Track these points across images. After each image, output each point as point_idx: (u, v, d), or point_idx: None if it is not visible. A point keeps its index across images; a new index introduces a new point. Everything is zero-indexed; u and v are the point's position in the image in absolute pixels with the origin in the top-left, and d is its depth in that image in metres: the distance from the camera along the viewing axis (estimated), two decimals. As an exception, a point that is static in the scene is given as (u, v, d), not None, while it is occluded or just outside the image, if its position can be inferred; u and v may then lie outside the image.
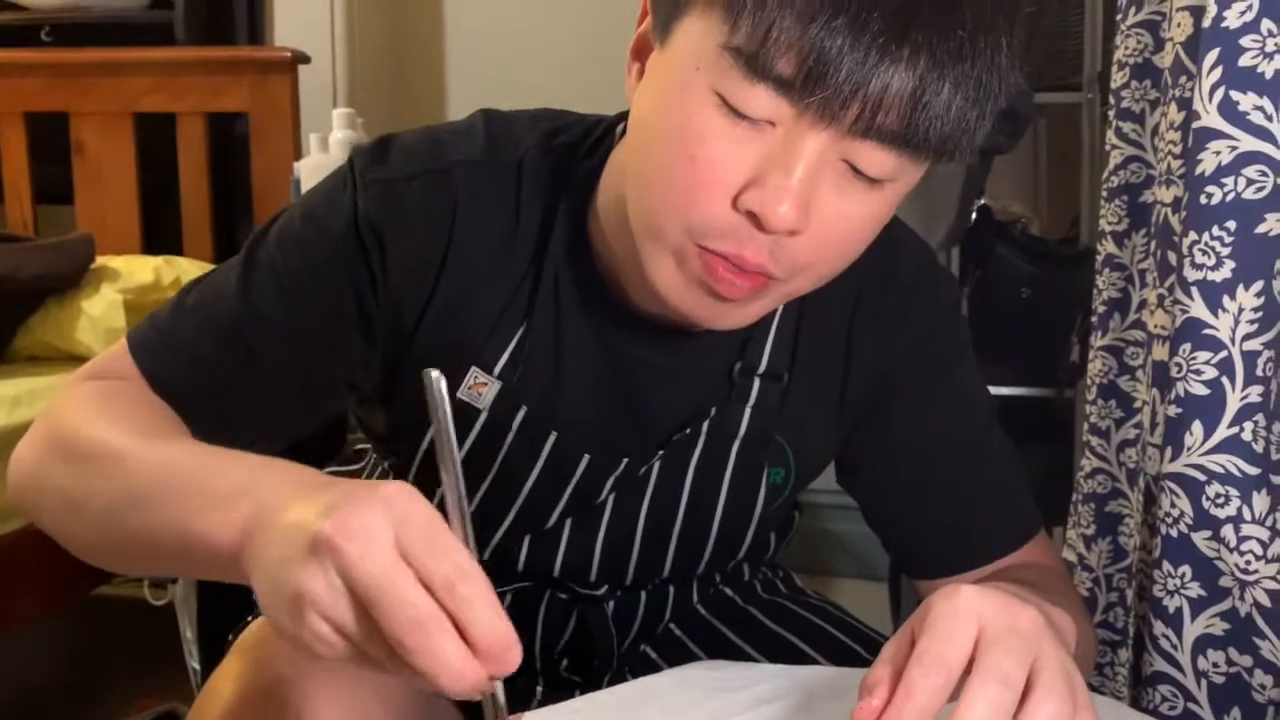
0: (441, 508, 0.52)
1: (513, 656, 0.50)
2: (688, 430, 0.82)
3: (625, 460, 0.82)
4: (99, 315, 1.92)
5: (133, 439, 0.66)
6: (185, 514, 0.58)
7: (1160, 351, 0.93)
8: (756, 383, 0.81)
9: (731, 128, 0.63)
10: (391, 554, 0.49)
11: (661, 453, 0.82)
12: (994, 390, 1.06)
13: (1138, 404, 1.10)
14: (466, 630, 0.49)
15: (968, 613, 0.54)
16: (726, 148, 0.63)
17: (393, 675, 0.50)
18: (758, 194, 0.63)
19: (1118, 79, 1.12)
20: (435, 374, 0.52)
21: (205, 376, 0.76)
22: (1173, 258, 0.89)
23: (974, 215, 1.86)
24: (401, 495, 0.50)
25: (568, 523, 0.84)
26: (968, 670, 0.53)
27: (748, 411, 0.82)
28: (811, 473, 0.89)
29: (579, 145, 0.79)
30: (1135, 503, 1.06)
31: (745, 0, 0.60)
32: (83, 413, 0.71)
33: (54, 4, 2.35)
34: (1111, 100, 1.14)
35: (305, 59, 2.26)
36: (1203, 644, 0.83)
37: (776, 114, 0.62)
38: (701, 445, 0.82)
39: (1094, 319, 1.17)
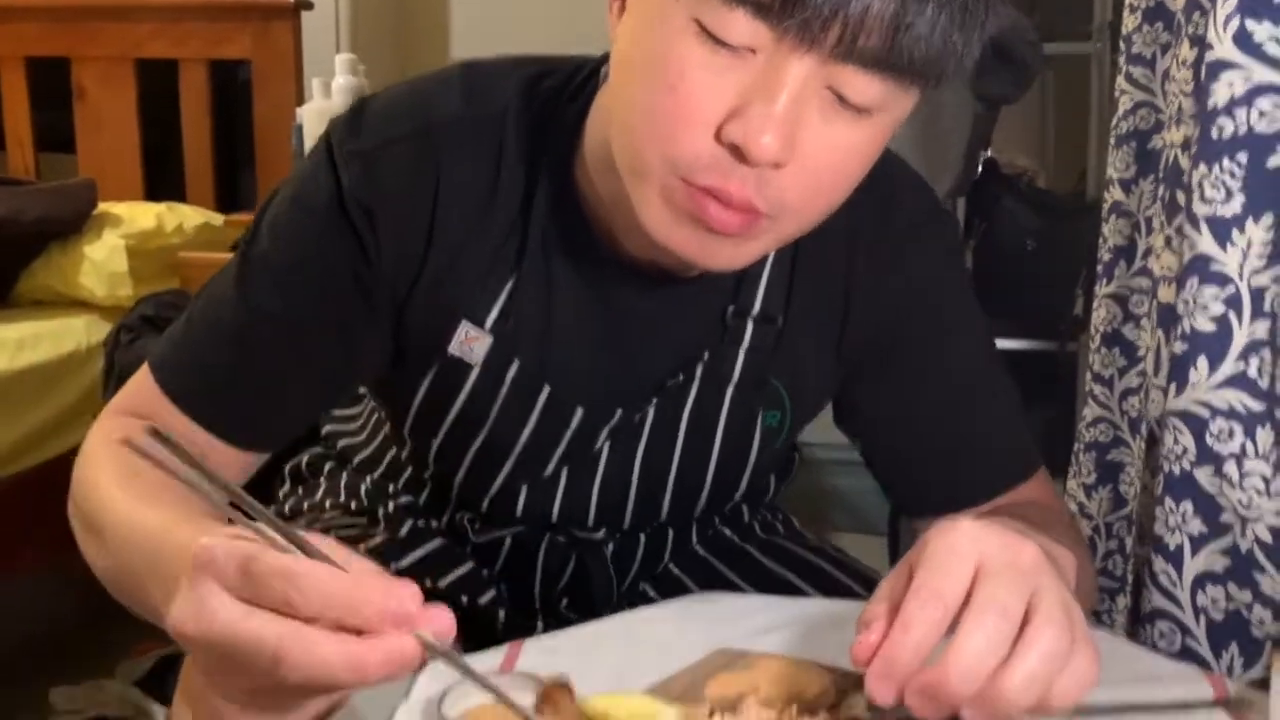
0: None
1: (406, 610, 0.47)
2: (681, 376, 0.81)
3: (619, 410, 0.81)
4: (101, 260, 1.92)
5: (109, 512, 0.67)
6: (151, 602, 0.59)
7: (1166, 294, 0.92)
8: (750, 325, 0.80)
9: (711, 57, 0.61)
10: (227, 612, 0.47)
11: (655, 400, 0.82)
12: (997, 343, 1.06)
13: (1141, 351, 1.10)
14: (342, 624, 0.47)
15: (966, 547, 0.54)
16: (707, 78, 0.61)
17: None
18: (740, 125, 0.61)
19: (1129, 23, 1.11)
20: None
21: (223, 386, 0.76)
22: (1181, 197, 0.88)
23: (980, 167, 1.85)
24: (204, 554, 0.48)
25: (564, 471, 0.84)
26: (966, 604, 0.53)
27: (741, 355, 0.81)
28: (808, 414, 0.88)
29: (563, 90, 0.77)
30: (1137, 451, 1.06)
31: None
32: (86, 473, 0.73)
33: (54, -53, 2.32)
34: (1122, 46, 1.13)
35: (308, 5, 2.24)
36: (1202, 580, 0.83)
37: (756, 39, 0.60)
38: (695, 390, 0.82)
39: (1099, 267, 1.17)
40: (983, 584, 0.53)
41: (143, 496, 0.66)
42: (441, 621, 0.48)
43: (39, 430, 1.78)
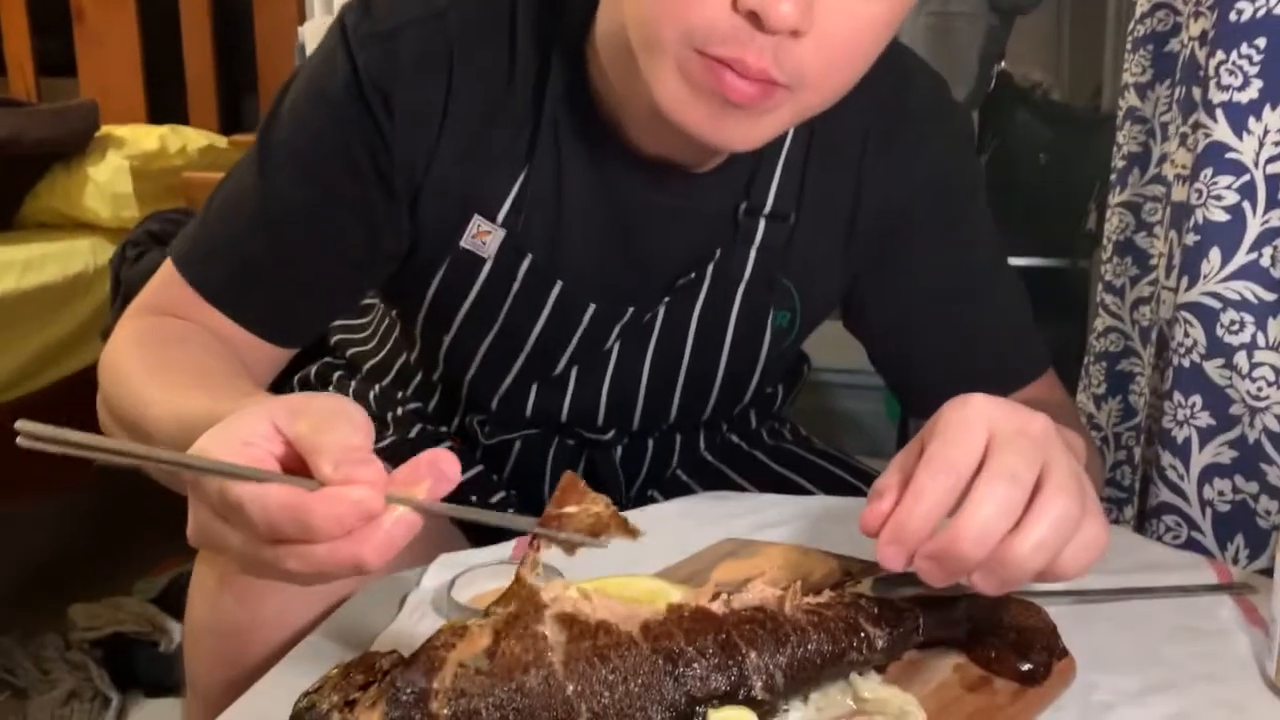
0: None
1: (360, 507, 0.46)
2: (693, 275, 0.81)
3: (631, 309, 0.81)
4: (105, 181, 1.91)
5: (151, 409, 0.66)
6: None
7: (1180, 193, 0.91)
8: (762, 223, 0.80)
9: None
10: (220, 535, 0.48)
11: (667, 299, 0.81)
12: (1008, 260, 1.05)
13: (1154, 260, 1.09)
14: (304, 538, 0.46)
15: (977, 418, 0.54)
16: None
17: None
18: None
19: (1148, -78, 1.08)
20: None
21: (250, 273, 0.76)
22: (1197, 93, 0.86)
23: (993, 80, 1.82)
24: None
25: (574, 369, 0.84)
26: (978, 474, 0.53)
27: (753, 253, 0.80)
28: (818, 315, 0.88)
29: None
30: (1148, 359, 1.05)
31: None
32: (119, 371, 0.73)
33: None
34: (1141, -54, 1.10)
35: (308, -81, 2.20)
36: (1209, 473, 0.83)
37: None
38: (706, 289, 0.81)
39: (1113, 175, 1.15)
40: (994, 453, 0.53)
41: (179, 386, 0.66)
42: (447, 467, 0.48)
43: (47, 352, 1.79)
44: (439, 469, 0.48)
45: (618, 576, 0.64)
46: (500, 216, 0.77)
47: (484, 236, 0.78)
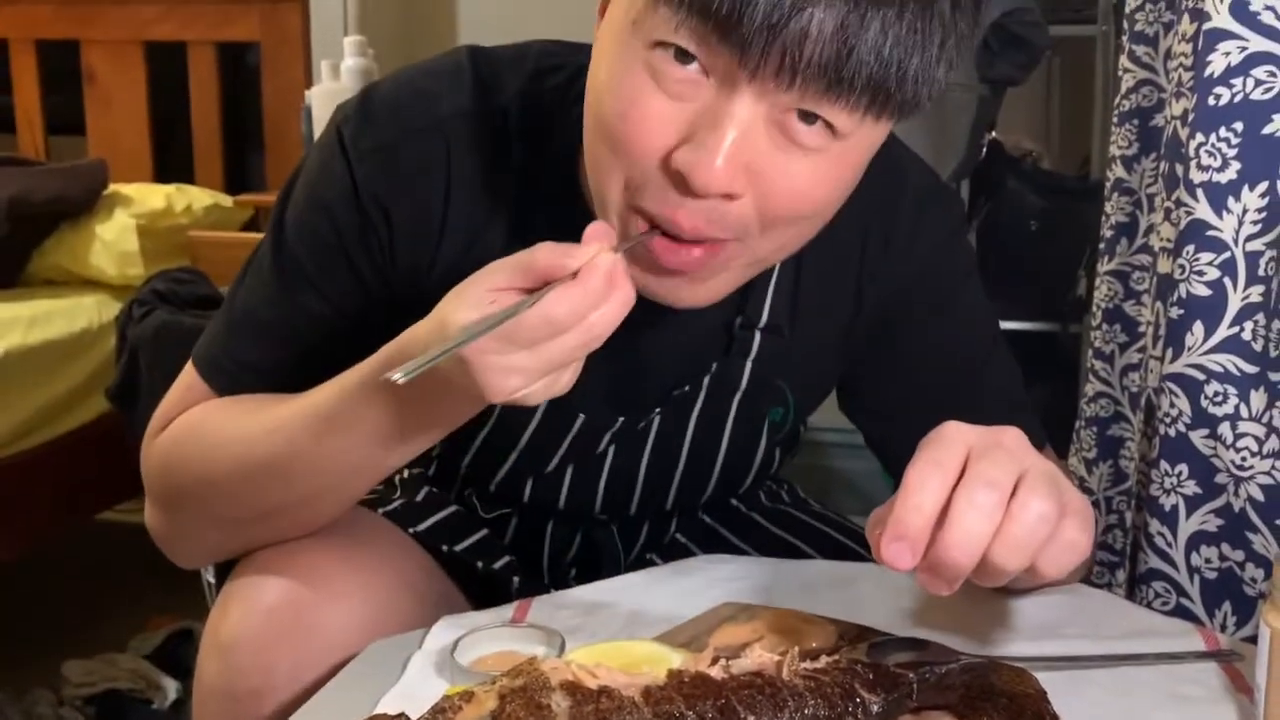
0: None
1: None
2: (688, 386, 0.81)
3: (622, 418, 0.82)
4: (112, 240, 1.94)
5: (270, 426, 0.72)
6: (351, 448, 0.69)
7: (1165, 265, 0.93)
8: (758, 337, 0.80)
9: (663, 83, 0.60)
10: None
11: (660, 409, 0.82)
12: (1000, 325, 1.07)
13: (1142, 327, 1.11)
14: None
15: (954, 436, 0.57)
16: (658, 105, 0.61)
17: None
18: (688, 152, 0.60)
19: (1132, 1, 1.12)
20: None
21: (277, 381, 0.78)
22: (1180, 170, 0.89)
23: (985, 149, 1.86)
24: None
25: (569, 468, 0.85)
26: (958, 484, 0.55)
27: (749, 365, 0.81)
28: (813, 405, 0.89)
29: (566, 92, 0.76)
30: (1137, 425, 1.07)
31: None
32: (189, 442, 0.77)
33: (64, -70, 2.33)
34: (1125, 25, 1.14)
35: (316, -13, 2.25)
36: (1196, 540, 0.85)
37: (704, 62, 0.59)
38: (703, 398, 0.82)
39: (1101, 244, 1.18)
40: (972, 463, 0.56)
41: (278, 403, 0.72)
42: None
43: (51, 407, 1.80)
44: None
45: (618, 641, 0.66)
46: None
47: None
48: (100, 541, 2.11)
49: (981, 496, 0.54)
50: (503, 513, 0.92)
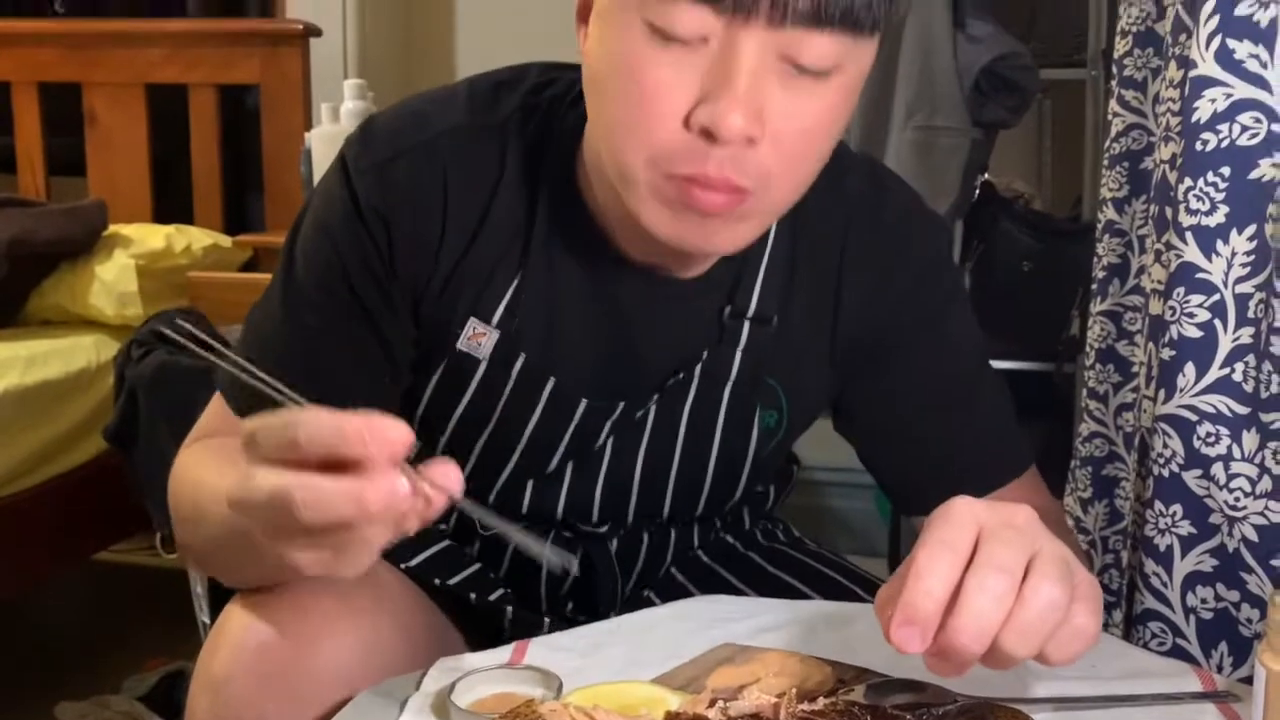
0: None
1: (388, 434, 0.53)
2: (681, 375, 0.84)
3: (622, 404, 0.84)
4: (111, 280, 1.95)
5: (205, 489, 0.74)
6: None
7: (1156, 306, 0.94)
8: (746, 326, 0.83)
9: (666, 52, 0.65)
10: (257, 472, 0.56)
11: (657, 397, 0.84)
12: (994, 364, 1.08)
13: (1135, 367, 1.12)
14: (337, 453, 0.54)
15: (964, 514, 0.57)
16: (668, 73, 0.65)
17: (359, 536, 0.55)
18: (707, 109, 0.65)
19: (1120, 47, 1.14)
20: None
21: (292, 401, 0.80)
22: (1169, 212, 0.90)
23: (977, 191, 1.88)
24: (244, 434, 0.57)
25: (569, 467, 0.87)
26: (969, 566, 0.55)
27: (738, 355, 0.83)
28: (805, 417, 0.90)
29: (564, 98, 0.81)
30: (1131, 465, 1.08)
31: None
32: (179, 480, 0.81)
33: (68, -26, 2.37)
34: (1114, 70, 1.15)
35: (317, 31, 2.27)
36: (1192, 581, 0.85)
37: (704, 27, 0.64)
38: (695, 388, 0.84)
39: (1094, 285, 1.19)
40: (983, 545, 0.55)
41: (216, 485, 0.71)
42: (449, 472, 0.55)
43: (48, 447, 1.80)
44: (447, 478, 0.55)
45: (616, 683, 0.66)
46: (495, 319, 0.81)
47: (479, 338, 0.81)
48: (96, 582, 2.11)
49: (993, 581, 0.54)
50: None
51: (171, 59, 2.29)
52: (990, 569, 0.54)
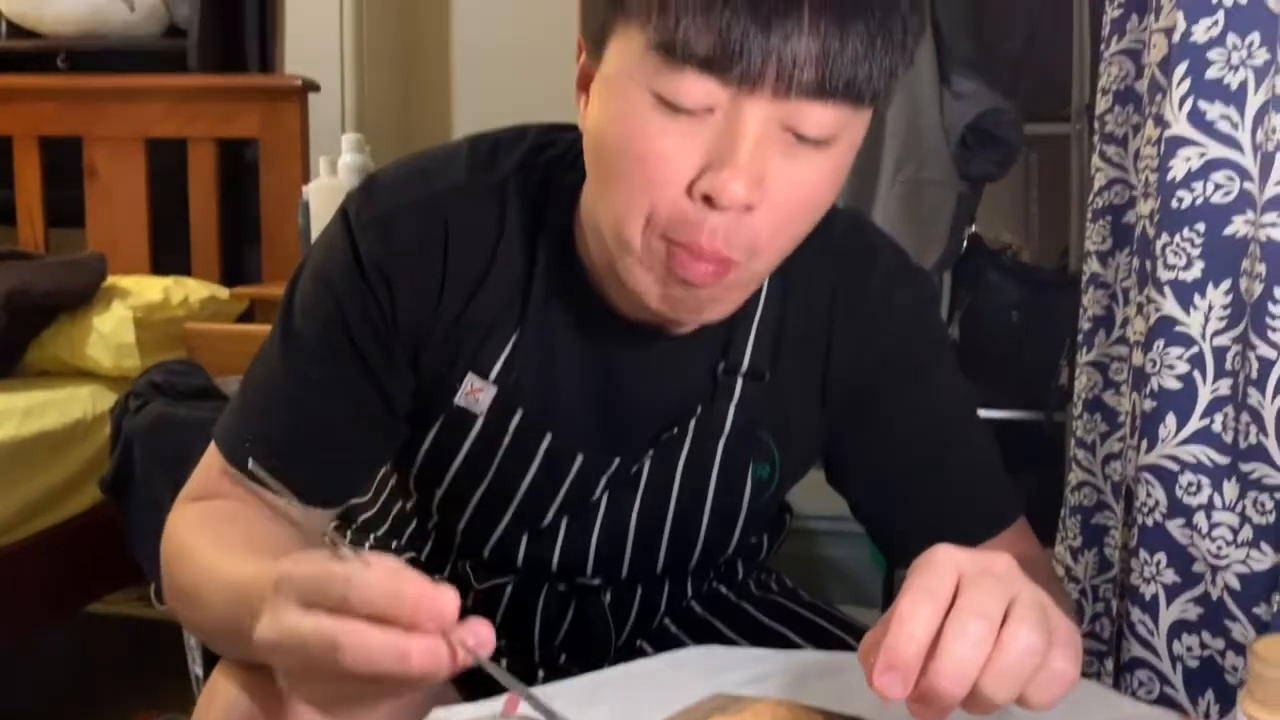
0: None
1: (441, 607, 0.53)
2: (675, 429, 0.85)
3: (617, 459, 0.85)
4: (109, 331, 1.96)
5: (205, 575, 0.73)
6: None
7: (1139, 358, 0.96)
8: (740, 381, 0.85)
9: (672, 122, 0.67)
10: (295, 617, 0.55)
11: (651, 452, 0.85)
12: (984, 414, 1.09)
13: (1122, 418, 1.14)
14: (388, 616, 0.53)
15: (945, 562, 0.58)
16: (673, 142, 0.67)
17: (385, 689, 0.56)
18: (711, 177, 0.66)
19: (1102, 105, 1.17)
20: None
21: (285, 450, 0.81)
22: (1149, 266, 0.93)
23: (965, 242, 1.91)
24: (280, 574, 0.57)
25: (564, 520, 0.88)
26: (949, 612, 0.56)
27: (732, 409, 0.85)
28: (797, 469, 0.92)
29: (563, 159, 0.83)
30: (1119, 514, 1.09)
31: (653, 3, 0.65)
32: (176, 551, 0.79)
33: (71, 31, 2.40)
34: (1096, 126, 1.18)
35: (315, 87, 2.30)
36: (1177, 629, 0.86)
37: (708, 98, 0.66)
38: (689, 443, 0.85)
39: (1080, 336, 1.21)
40: (963, 591, 0.57)
41: (237, 553, 0.72)
42: (481, 632, 0.54)
43: (45, 497, 1.80)
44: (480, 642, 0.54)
45: (610, 731, 0.66)
46: (493, 374, 0.82)
47: (476, 394, 0.83)
48: (88, 633, 2.09)
49: (972, 626, 0.55)
50: (495, 584, 0.93)
51: (172, 113, 2.32)
52: (970, 615, 0.56)
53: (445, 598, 0.53)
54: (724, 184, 0.66)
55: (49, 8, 2.37)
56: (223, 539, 0.75)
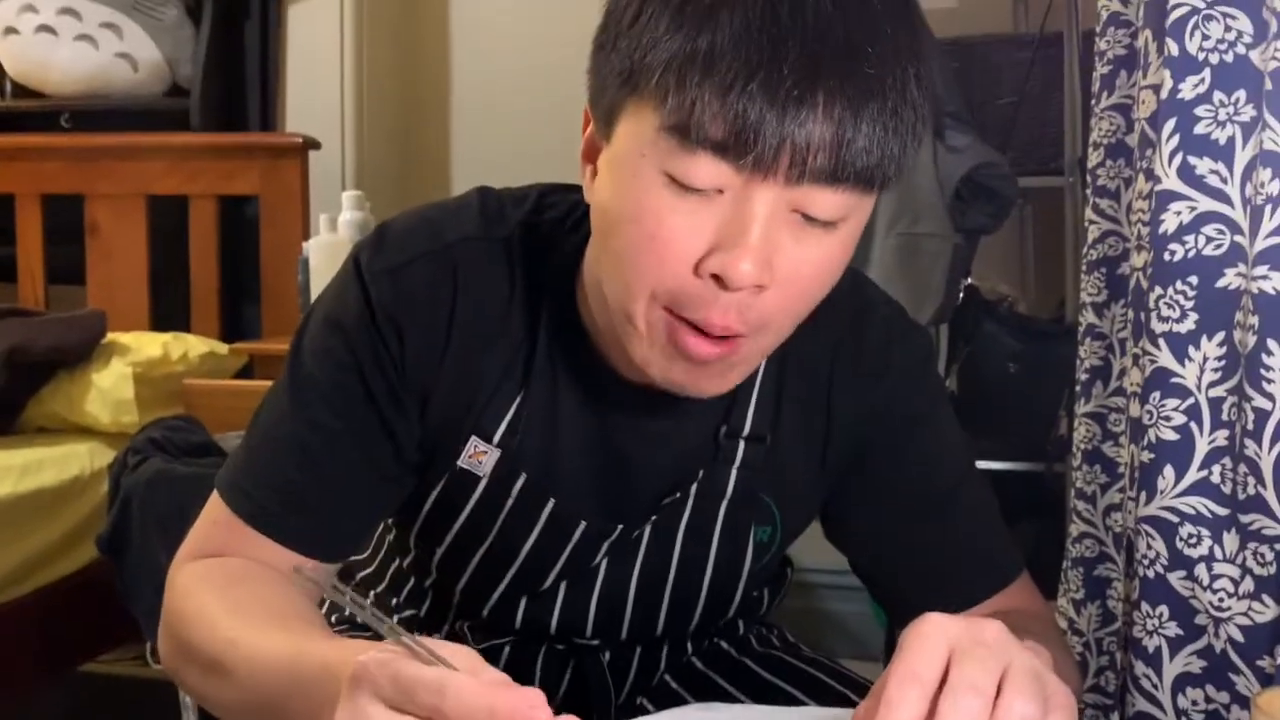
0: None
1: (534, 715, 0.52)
2: (677, 494, 0.85)
3: (620, 527, 0.85)
4: (108, 388, 1.96)
5: (233, 648, 0.71)
6: None
7: (1135, 409, 0.97)
8: (741, 445, 0.85)
9: (683, 202, 0.67)
10: (377, 717, 0.53)
11: (654, 517, 0.85)
12: (983, 465, 1.09)
13: (1121, 469, 1.14)
14: None
15: (934, 634, 0.57)
16: (683, 221, 0.67)
17: None
18: (720, 258, 0.67)
19: (1094, 159, 1.18)
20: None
21: (292, 499, 0.81)
22: (1143, 317, 0.93)
23: (961, 294, 1.92)
24: (360, 670, 0.55)
25: (563, 584, 0.87)
26: (942, 687, 0.56)
27: (734, 473, 0.85)
28: (797, 528, 0.91)
29: (564, 221, 0.83)
30: (1121, 566, 1.08)
31: (669, 84, 0.65)
32: (191, 614, 0.77)
33: (75, 91, 2.43)
34: (1088, 180, 1.20)
35: (315, 144, 2.33)
36: (1182, 682, 0.85)
37: (720, 180, 0.66)
38: (690, 507, 0.85)
39: (1078, 387, 1.21)
40: (955, 665, 0.56)
41: (260, 622, 0.71)
42: None
43: (41, 555, 1.79)
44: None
45: (611, 791, 0.65)
46: (496, 437, 0.82)
47: (480, 456, 0.83)
48: (85, 693, 2.07)
49: (965, 702, 0.55)
50: (493, 645, 0.92)
51: (173, 171, 2.34)
52: (963, 690, 0.55)
53: (540, 710, 0.52)
54: (734, 264, 0.66)
55: (54, 69, 2.40)
56: (240, 606, 0.74)
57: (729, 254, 0.66)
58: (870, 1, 0.66)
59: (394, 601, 0.97)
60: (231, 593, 0.76)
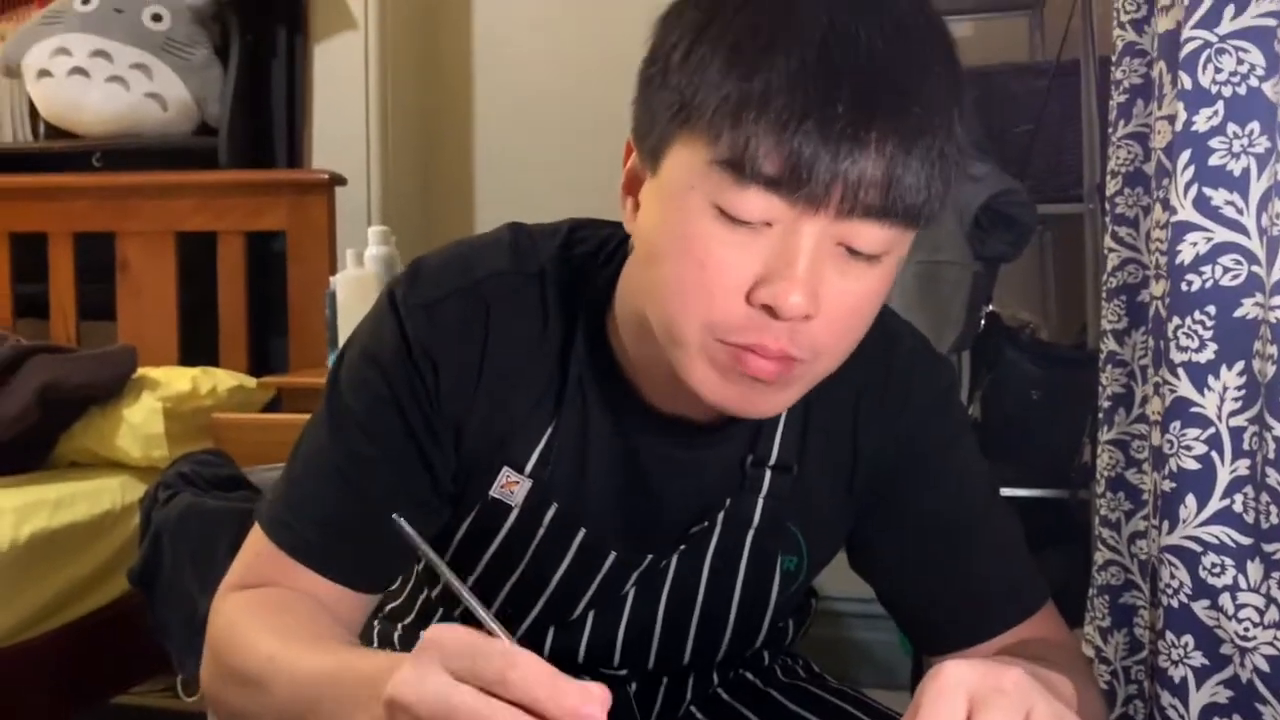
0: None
1: (592, 707, 0.54)
2: (705, 523, 0.86)
3: (649, 556, 0.86)
4: (139, 423, 1.98)
5: (273, 663, 0.73)
6: None
7: (1156, 438, 0.97)
8: (768, 474, 0.86)
9: (732, 233, 0.69)
10: (444, 683, 0.55)
11: (681, 546, 0.86)
12: (1007, 492, 1.08)
13: (1145, 496, 1.13)
14: (543, 707, 0.54)
15: (953, 685, 0.57)
16: (732, 252, 0.69)
17: None
18: (769, 289, 0.68)
19: (1112, 187, 1.19)
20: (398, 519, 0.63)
21: (333, 530, 0.82)
22: (1163, 346, 0.94)
23: (983, 322, 1.92)
24: (433, 635, 0.57)
25: (591, 613, 0.88)
26: None
27: (760, 502, 0.86)
28: (824, 558, 0.92)
29: (596, 255, 0.85)
30: (1148, 593, 1.08)
31: (724, 121, 0.66)
32: (234, 638, 0.79)
33: (106, 131, 2.47)
34: (1107, 207, 1.20)
35: (342, 180, 2.36)
36: (1209, 713, 0.85)
37: (770, 214, 0.68)
38: (718, 536, 0.86)
39: (1100, 414, 1.21)
40: (976, 716, 0.56)
41: (304, 643, 0.72)
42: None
43: (73, 588, 1.81)
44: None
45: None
46: (528, 468, 0.83)
47: (512, 486, 0.84)
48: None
49: None
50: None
51: (202, 208, 2.37)
52: None
53: (599, 701, 0.54)
54: (784, 295, 0.68)
55: (86, 110, 2.44)
56: (282, 629, 0.75)
57: (777, 286, 0.68)
58: (918, 41, 0.68)
59: (422, 634, 0.98)
60: (273, 619, 0.78)
